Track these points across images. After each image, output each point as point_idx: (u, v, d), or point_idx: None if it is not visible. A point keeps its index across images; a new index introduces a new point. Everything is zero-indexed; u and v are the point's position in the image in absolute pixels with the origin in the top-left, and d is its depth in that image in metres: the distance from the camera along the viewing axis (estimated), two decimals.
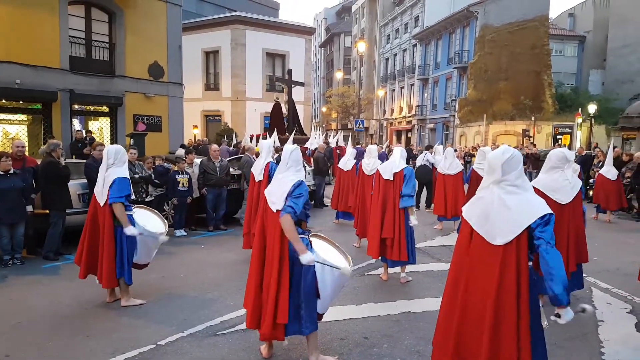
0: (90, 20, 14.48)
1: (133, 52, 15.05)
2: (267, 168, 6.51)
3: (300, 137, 17.08)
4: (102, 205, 4.90)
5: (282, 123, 17.53)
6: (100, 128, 15.48)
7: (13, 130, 13.61)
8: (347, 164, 10.05)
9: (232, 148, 16.49)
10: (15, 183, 6.39)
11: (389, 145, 25.12)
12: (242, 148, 14.11)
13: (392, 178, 5.83)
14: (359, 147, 16.29)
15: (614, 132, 25.37)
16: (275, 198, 3.63)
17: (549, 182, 4.80)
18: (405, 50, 42.90)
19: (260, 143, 7.67)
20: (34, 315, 4.72)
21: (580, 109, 25.28)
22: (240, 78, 26.88)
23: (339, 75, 47.54)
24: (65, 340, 4.16)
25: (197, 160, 9.45)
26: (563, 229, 4.75)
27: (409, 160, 15.54)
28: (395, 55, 45.05)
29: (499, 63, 30.66)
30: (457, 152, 14.76)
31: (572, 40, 38.99)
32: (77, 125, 14.55)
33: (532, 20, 30.97)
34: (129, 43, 14.97)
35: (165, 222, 5.72)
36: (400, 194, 5.75)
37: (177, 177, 8.61)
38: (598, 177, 11.16)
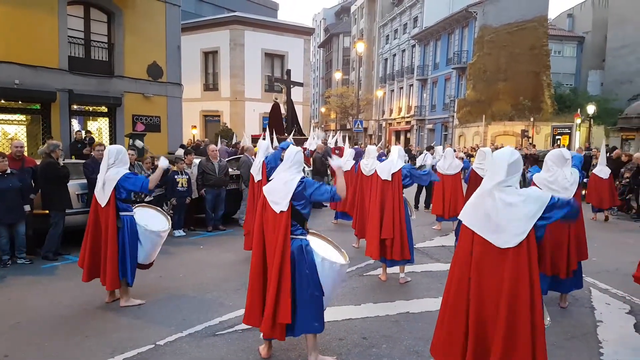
0: (89, 21, 14.48)
1: (132, 52, 15.05)
2: (264, 166, 6.50)
3: (299, 137, 17.07)
4: (103, 206, 4.88)
5: (281, 123, 17.51)
6: (99, 128, 15.48)
7: (12, 131, 13.60)
8: (346, 165, 10.04)
9: (230, 148, 16.47)
10: (13, 183, 6.39)
11: (388, 146, 25.12)
12: (240, 148, 14.10)
13: (390, 178, 5.83)
14: (357, 147, 16.28)
15: (613, 132, 25.41)
16: (279, 198, 3.61)
17: (548, 181, 4.83)
18: (404, 51, 42.92)
19: (259, 143, 7.65)
20: (33, 316, 4.71)
21: (579, 110, 25.32)
22: (239, 78, 26.86)
23: (338, 76, 47.58)
24: (64, 341, 4.16)
25: (196, 161, 9.44)
26: (563, 227, 4.76)
27: (408, 161, 15.53)
28: (394, 56, 45.08)
29: (498, 63, 30.69)
30: (456, 152, 14.75)
31: (571, 41, 39.04)
32: (76, 126, 14.54)
33: (531, 21, 31.00)
34: (128, 43, 14.96)
35: (168, 217, 5.72)
36: (420, 176, 5.93)
37: (176, 177, 8.61)
38: (591, 176, 11.19)
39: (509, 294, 2.62)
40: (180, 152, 13.16)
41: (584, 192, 12.05)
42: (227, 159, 10.70)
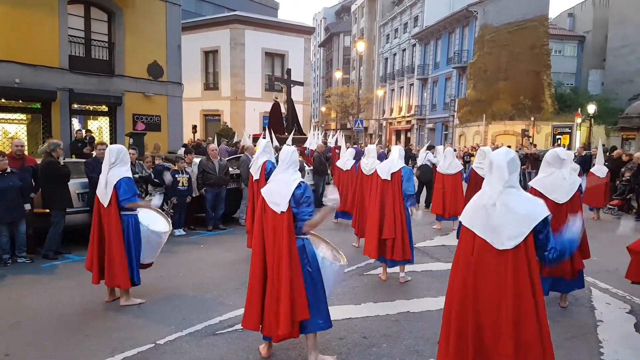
0: (90, 20, 14.47)
1: (132, 51, 15.04)
2: (263, 167, 6.49)
3: (300, 136, 17.07)
4: (106, 207, 4.87)
5: (281, 123, 17.52)
6: (100, 127, 15.48)
7: (12, 130, 13.60)
8: (346, 164, 10.04)
9: (231, 148, 16.48)
10: (13, 182, 6.40)
11: (388, 145, 25.11)
12: (241, 147, 14.10)
13: (390, 178, 5.83)
14: (357, 146, 16.27)
15: (614, 132, 25.40)
16: (279, 199, 3.61)
17: (546, 182, 4.81)
18: (405, 50, 42.90)
19: (259, 141, 7.65)
20: (33, 315, 4.72)
21: (580, 109, 25.31)
22: (240, 78, 26.86)
23: (338, 75, 47.55)
24: (64, 340, 4.16)
25: (196, 160, 9.44)
26: (562, 228, 4.75)
27: (409, 160, 15.56)
28: (395, 55, 45.05)
29: (499, 63, 30.67)
30: (456, 151, 14.75)
31: (571, 40, 39.01)
32: (76, 125, 14.54)
33: (531, 20, 30.98)
34: (128, 42, 14.96)
35: (169, 220, 5.76)
36: (404, 195, 5.76)
37: (176, 176, 8.61)
38: (589, 175, 11.20)
39: (514, 296, 2.63)
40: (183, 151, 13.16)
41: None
42: (227, 158, 10.70)
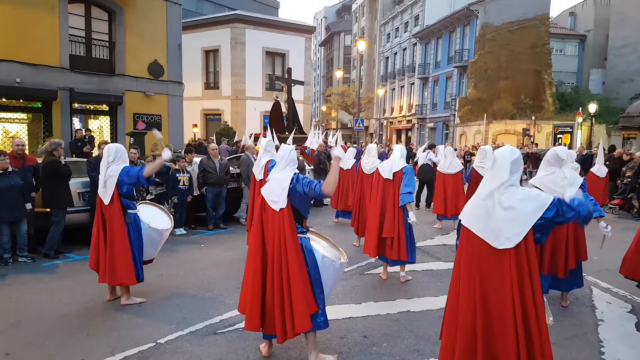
0: (90, 19, 14.46)
1: (133, 50, 15.04)
2: (267, 167, 6.48)
3: (300, 136, 17.07)
4: (107, 204, 4.87)
5: (281, 122, 17.51)
6: (100, 127, 15.48)
7: (13, 129, 13.61)
8: (346, 163, 10.03)
9: (231, 147, 16.49)
10: (15, 181, 6.40)
11: (389, 145, 25.11)
12: (241, 147, 14.10)
13: (391, 177, 5.82)
14: (357, 146, 16.26)
15: (615, 131, 25.38)
16: (276, 197, 3.62)
17: (547, 181, 4.79)
18: (406, 49, 42.86)
19: (260, 140, 7.63)
20: (34, 314, 4.72)
21: (581, 108, 25.30)
22: (240, 77, 26.85)
23: (339, 74, 47.50)
24: (65, 339, 4.16)
25: (197, 159, 9.45)
26: (562, 228, 4.75)
27: (409, 160, 15.54)
28: (395, 54, 45.01)
29: (499, 62, 30.63)
30: (457, 151, 14.74)
31: (572, 39, 38.94)
32: (77, 124, 14.54)
33: (532, 19, 30.94)
34: (129, 42, 14.96)
35: (171, 216, 5.75)
36: (400, 192, 5.75)
37: (177, 175, 8.62)
38: (589, 174, 11.20)
39: (519, 294, 2.63)
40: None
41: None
42: (227, 158, 10.70)
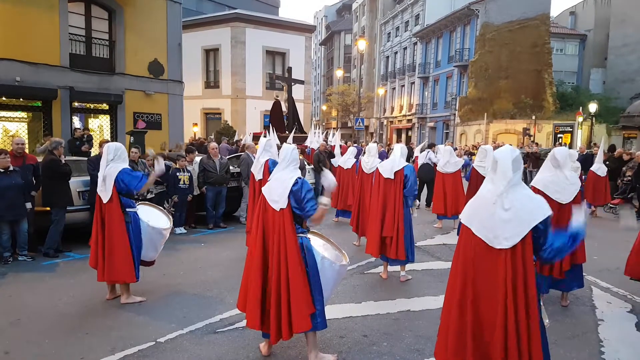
0: (90, 18, 14.46)
1: (133, 49, 15.04)
2: (266, 166, 6.48)
3: (300, 135, 17.06)
4: (106, 202, 4.87)
5: (282, 121, 17.50)
6: (100, 126, 15.49)
7: (13, 128, 13.60)
8: (346, 163, 10.03)
9: (231, 146, 16.47)
10: (16, 180, 6.40)
11: (390, 144, 25.10)
12: (242, 146, 14.09)
13: (392, 177, 5.82)
14: (357, 145, 16.25)
15: (615, 131, 25.36)
16: (277, 196, 3.62)
17: (549, 182, 4.79)
18: (406, 49, 42.84)
19: (260, 140, 7.61)
20: (34, 313, 4.72)
21: (581, 108, 25.27)
22: (240, 76, 26.83)
23: (339, 74, 47.46)
24: (65, 338, 4.16)
25: (197, 159, 9.44)
26: (564, 228, 4.73)
27: (409, 159, 15.53)
28: (396, 54, 45.00)
29: (500, 61, 30.62)
30: (457, 150, 14.72)
31: (573, 39, 38.90)
32: (77, 123, 14.53)
33: (533, 19, 30.92)
34: (129, 40, 14.95)
35: (170, 217, 5.76)
36: (404, 194, 5.76)
37: (178, 174, 8.62)
38: (590, 174, 11.22)
39: (511, 296, 2.62)
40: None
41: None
42: (227, 157, 10.69)
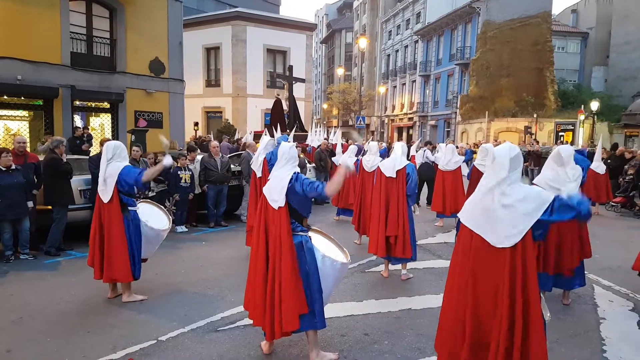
0: (91, 16, 14.46)
1: (134, 48, 15.03)
2: (265, 163, 6.48)
3: (301, 133, 17.06)
4: (106, 202, 4.88)
5: (282, 120, 17.49)
6: (102, 124, 15.49)
7: (14, 127, 13.60)
8: (347, 161, 10.00)
9: (232, 145, 16.46)
10: (17, 179, 6.40)
11: (390, 143, 25.09)
12: (242, 144, 14.08)
13: (394, 175, 5.81)
14: (358, 144, 16.21)
15: (617, 129, 25.31)
16: (276, 195, 3.63)
17: (550, 179, 4.77)
18: (407, 47, 42.78)
19: (261, 139, 7.60)
20: (35, 311, 4.72)
21: (583, 106, 25.20)
22: (241, 74, 26.82)
23: (340, 72, 47.45)
24: (66, 336, 4.16)
25: (198, 157, 9.45)
26: (567, 226, 4.73)
27: (408, 157, 15.51)
28: (397, 52, 44.94)
29: (501, 59, 30.56)
30: (458, 148, 14.71)
31: (574, 37, 38.81)
32: (78, 122, 14.54)
33: (534, 17, 30.84)
34: (130, 39, 14.94)
35: (169, 217, 5.76)
36: (407, 194, 5.76)
37: (179, 173, 8.62)
38: (589, 172, 11.19)
39: (508, 294, 2.62)
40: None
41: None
42: (228, 155, 10.69)
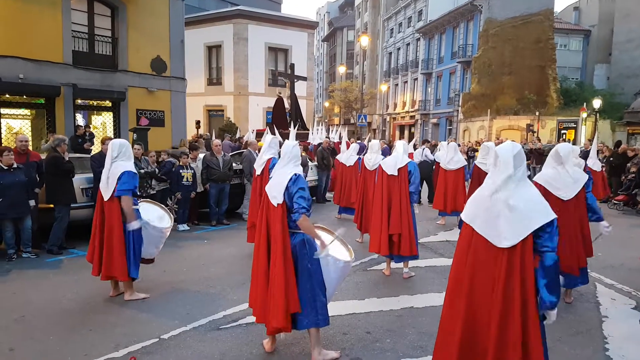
0: (93, 15, 14.45)
1: (135, 46, 15.04)
2: (267, 163, 6.47)
3: (303, 132, 17.06)
4: (107, 200, 4.89)
5: (284, 118, 17.49)
6: (104, 123, 15.52)
7: (17, 125, 13.63)
8: (349, 160, 10.02)
9: (234, 143, 16.47)
10: (19, 177, 6.41)
11: (392, 141, 25.09)
12: (244, 143, 14.08)
13: (396, 173, 5.81)
14: (361, 142, 16.22)
15: (619, 127, 25.22)
16: (276, 192, 3.65)
17: (551, 178, 4.76)
18: (409, 45, 42.67)
19: (265, 137, 7.60)
20: (38, 309, 4.74)
21: (585, 104, 25.11)
22: (243, 73, 26.81)
23: (342, 70, 47.38)
24: (68, 334, 4.18)
25: (200, 155, 9.46)
26: (566, 225, 4.71)
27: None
28: (399, 50, 44.84)
29: (503, 57, 30.46)
30: (460, 147, 14.71)
31: (577, 35, 38.65)
32: (80, 121, 14.56)
33: (536, 14, 30.72)
34: (132, 37, 14.95)
35: (171, 216, 5.77)
36: (411, 192, 5.77)
37: (181, 171, 8.63)
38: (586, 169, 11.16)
39: (502, 295, 2.60)
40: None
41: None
42: (230, 154, 10.70)
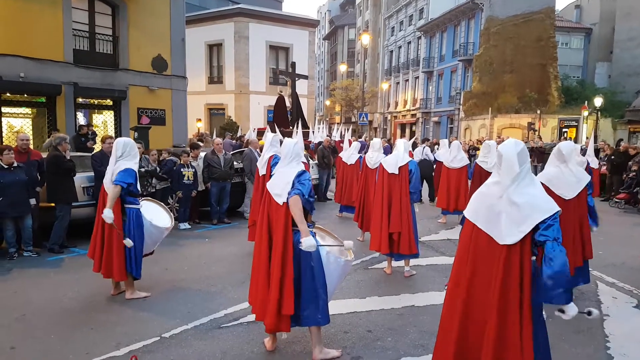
0: (94, 13, 14.43)
1: (136, 45, 15.02)
2: (269, 161, 6.47)
3: (303, 130, 17.06)
4: None
5: (285, 116, 17.49)
6: (105, 121, 15.52)
7: (18, 124, 13.64)
8: (350, 158, 10.01)
9: (235, 142, 16.48)
10: (20, 176, 6.41)
11: (393, 140, 25.08)
12: (245, 142, 14.09)
13: (397, 172, 5.80)
14: (362, 140, 16.24)
15: (620, 125, 25.19)
16: (279, 190, 3.62)
17: (553, 177, 4.75)
18: (410, 43, 42.63)
19: (265, 136, 7.60)
20: (39, 308, 4.74)
21: (587, 102, 25.06)
22: (244, 71, 26.81)
23: (343, 68, 47.36)
24: (70, 333, 4.18)
25: (201, 154, 9.46)
26: (567, 225, 4.70)
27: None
28: (400, 48, 44.79)
29: (504, 56, 30.40)
30: (461, 145, 14.72)
31: (578, 33, 38.55)
32: (81, 120, 14.57)
33: (537, 13, 30.64)
34: (133, 36, 14.93)
35: (172, 215, 5.78)
36: (411, 191, 5.76)
37: (182, 170, 8.63)
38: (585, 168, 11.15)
39: (499, 293, 2.60)
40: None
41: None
42: (231, 152, 10.70)
